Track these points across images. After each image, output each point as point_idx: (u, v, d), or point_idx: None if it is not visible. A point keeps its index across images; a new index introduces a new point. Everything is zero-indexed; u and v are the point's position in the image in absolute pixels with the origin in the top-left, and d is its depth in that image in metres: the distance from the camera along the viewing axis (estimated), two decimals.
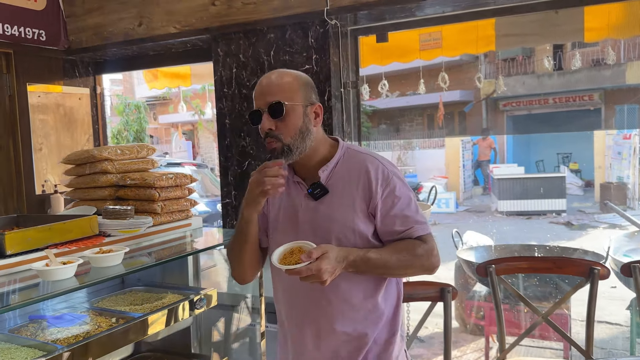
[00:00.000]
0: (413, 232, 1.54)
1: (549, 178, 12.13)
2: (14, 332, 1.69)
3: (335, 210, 1.53)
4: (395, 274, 1.57)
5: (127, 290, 2.12)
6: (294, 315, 1.62)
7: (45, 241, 1.56)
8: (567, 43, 11.87)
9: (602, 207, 11.43)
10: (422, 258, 1.53)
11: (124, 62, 3.93)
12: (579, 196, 13.68)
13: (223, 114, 3.25)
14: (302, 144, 1.51)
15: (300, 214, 1.55)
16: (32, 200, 3.49)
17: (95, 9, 3.56)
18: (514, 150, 17.56)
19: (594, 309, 2.31)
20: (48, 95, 3.60)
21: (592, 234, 9.36)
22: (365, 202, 1.52)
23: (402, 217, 1.53)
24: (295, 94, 1.51)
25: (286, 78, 1.53)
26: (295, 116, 1.50)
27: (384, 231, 1.54)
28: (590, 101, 15.68)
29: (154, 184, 1.98)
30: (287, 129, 1.49)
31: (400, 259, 1.51)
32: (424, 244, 1.54)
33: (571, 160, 16.34)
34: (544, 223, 10.68)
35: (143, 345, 2.27)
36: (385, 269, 1.52)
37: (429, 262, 1.54)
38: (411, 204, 1.56)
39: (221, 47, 3.22)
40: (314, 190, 1.54)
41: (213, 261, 2.38)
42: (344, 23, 3.02)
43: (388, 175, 1.54)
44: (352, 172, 1.55)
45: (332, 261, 1.39)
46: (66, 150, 3.68)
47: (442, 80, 4.83)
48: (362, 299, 1.55)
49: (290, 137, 1.49)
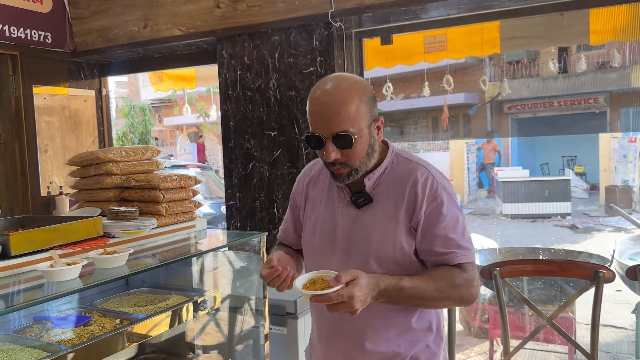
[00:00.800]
0: (453, 257, 1.40)
1: (553, 181, 12.09)
2: (19, 333, 1.70)
3: (377, 221, 1.43)
4: (430, 305, 1.44)
5: (132, 291, 2.12)
6: (323, 332, 1.53)
7: (50, 242, 1.57)
8: (573, 46, 11.85)
9: (608, 210, 11.38)
10: (460, 289, 1.39)
11: (129, 65, 3.95)
12: (584, 199, 13.64)
13: (228, 116, 3.26)
14: (368, 163, 1.43)
15: (341, 222, 1.47)
16: (38, 201, 3.50)
17: (100, 12, 3.58)
18: (519, 153, 17.52)
19: (599, 313, 2.30)
20: (53, 97, 3.61)
21: (597, 237, 9.32)
22: (408, 215, 1.42)
23: (445, 238, 1.41)
24: (363, 118, 1.37)
25: (351, 100, 1.35)
26: (363, 142, 1.39)
27: (423, 250, 1.42)
28: (596, 104, 15.64)
29: (159, 185, 1.99)
30: (355, 156, 1.39)
31: (437, 289, 1.37)
32: (464, 273, 1.40)
33: (576, 163, 16.30)
34: (549, 226, 10.65)
35: (147, 347, 2.27)
36: (419, 300, 1.38)
37: (468, 293, 1.41)
38: (457, 226, 1.43)
39: (226, 50, 3.23)
40: (357, 199, 1.45)
41: (217, 263, 2.38)
42: (349, 25, 3.03)
43: (437, 189, 1.42)
44: (400, 181, 1.44)
45: (364, 288, 1.26)
46: (71, 152, 3.70)
47: (447, 83, 4.83)
48: (396, 312, 1.44)
49: (358, 162, 1.40)
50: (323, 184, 1.56)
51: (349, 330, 1.45)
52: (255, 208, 3.17)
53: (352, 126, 1.35)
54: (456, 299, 1.40)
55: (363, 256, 1.42)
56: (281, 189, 3.11)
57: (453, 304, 1.50)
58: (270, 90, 3.12)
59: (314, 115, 1.39)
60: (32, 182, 3.48)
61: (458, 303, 1.46)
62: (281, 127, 3.10)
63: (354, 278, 1.26)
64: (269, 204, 3.14)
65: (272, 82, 3.11)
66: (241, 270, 2.32)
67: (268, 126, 3.14)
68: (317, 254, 1.53)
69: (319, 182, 1.58)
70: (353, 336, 1.46)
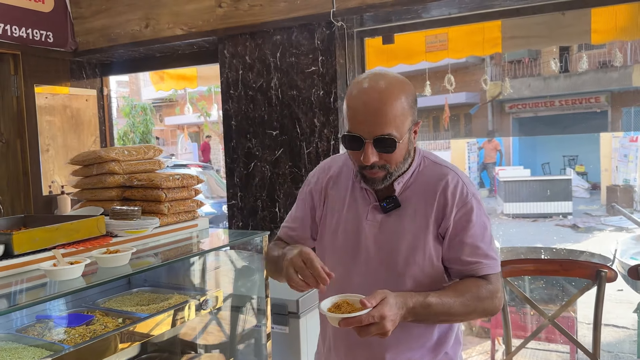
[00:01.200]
0: (480, 268, 1.36)
1: (555, 180, 12.09)
2: (22, 332, 1.70)
3: (406, 227, 1.37)
4: (456, 320, 1.39)
5: (134, 291, 2.12)
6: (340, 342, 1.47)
7: (53, 241, 1.57)
8: (574, 45, 11.83)
9: (609, 210, 11.37)
10: (485, 301, 1.35)
11: (130, 64, 3.95)
12: (585, 199, 13.63)
13: (229, 115, 3.26)
14: (403, 167, 1.38)
15: (365, 226, 1.41)
16: (39, 201, 3.51)
17: (102, 11, 3.58)
18: (520, 153, 17.51)
19: (601, 312, 2.29)
20: (55, 96, 3.62)
21: (598, 236, 9.31)
22: (437, 221, 1.37)
23: (472, 246, 1.36)
24: (406, 120, 1.31)
25: (397, 100, 1.28)
26: (404, 145, 1.33)
27: (449, 257, 1.38)
28: (597, 103, 15.62)
29: (161, 184, 1.99)
30: (394, 160, 1.33)
31: (464, 304, 1.32)
32: (489, 285, 1.36)
33: (577, 162, 16.29)
34: (550, 226, 10.64)
35: (149, 346, 2.27)
36: (447, 316, 1.33)
37: (492, 306, 1.36)
38: (485, 235, 1.38)
39: (227, 49, 3.23)
40: (387, 205, 1.39)
41: (219, 262, 2.38)
42: (350, 25, 3.02)
43: (467, 196, 1.38)
44: (429, 186, 1.40)
45: (394, 307, 1.21)
46: (73, 152, 3.70)
47: (448, 82, 4.83)
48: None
49: (395, 166, 1.35)
50: (344, 185, 1.49)
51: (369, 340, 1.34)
52: (257, 207, 3.17)
53: (397, 129, 1.29)
54: (480, 312, 1.37)
55: (391, 262, 1.38)
56: (283, 188, 3.11)
57: (477, 317, 1.43)
58: (272, 90, 3.12)
59: (355, 113, 1.30)
60: (34, 181, 3.48)
61: (482, 316, 1.42)
62: (283, 127, 3.10)
63: (382, 298, 1.21)
64: (270, 204, 3.14)
65: (273, 81, 3.11)
66: (243, 269, 2.32)
67: (270, 125, 3.14)
68: (338, 258, 1.45)
69: (340, 183, 1.50)
70: (373, 347, 1.41)
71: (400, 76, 1.36)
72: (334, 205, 1.49)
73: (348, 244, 1.43)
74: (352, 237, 1.43)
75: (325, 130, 2.97)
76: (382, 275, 1.39)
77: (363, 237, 1.41)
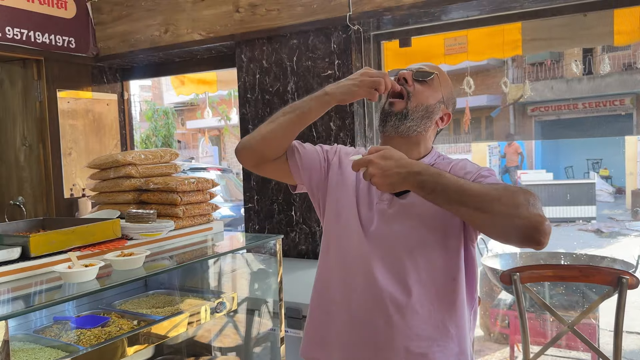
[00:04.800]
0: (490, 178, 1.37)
1: (578, 184, 11.88)
2: (39, 333, 1.73)
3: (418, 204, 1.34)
4: (477, 208, 1.16)
5: (150, 293, 2.15)
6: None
7: (69, 244, 1.59)
8: (597, 47, 11.63)
9: (634, 215, 11.13)
10: (516, 196, 1.15)
11: (150, 69, 4.00)
12: (610, 203, 13.37)
13: (246, 119, 3.28)
14: (417, 121, 1.44)
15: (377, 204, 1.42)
16: (61, 204, 3.57)
17: (123, 17, 3.64)
18: (543, 156, 17.27)
19: (622, 319, 2.25)
20: (77, 101, 3.68)
21: (622, 242, 9.12)
22: None
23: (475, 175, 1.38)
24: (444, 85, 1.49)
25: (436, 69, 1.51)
26: (431, 94, 1.45)
27: None
28: (622, 106, 15.32)
29: (176, 188, 2.01)
30: (419, 95, 1.44)
31: (483, 188, 1.18)
32: (531, 197, 1.16)
33: (601, 166, 15.99)
34: (572, 230, 10.45)
35: (165, 348, 2.30)
36: (461, 195, 1.16)
37: (527, 211, 1.13)
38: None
39: (245, 54, 3.25)
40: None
41: (234, 265, 2.39)
42: (367, 28, 3.02)
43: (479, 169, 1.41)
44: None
45: (386, 158, 1.18)
46: (95, 155, 3.76)
47: (467, 85, 4.79)
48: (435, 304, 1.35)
49: (415, 105, 1.44)
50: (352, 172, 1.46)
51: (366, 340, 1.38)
52: (273, 211, 3.18)
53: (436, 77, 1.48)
54: (510, 205, 1.14)
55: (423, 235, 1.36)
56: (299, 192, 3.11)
57: (504, 219, 1.14)
58: (289, 94, 3.13)
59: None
60: (56, 184, 3.55)
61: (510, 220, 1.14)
62: None
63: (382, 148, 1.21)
64: (286, 207, 3.15)
65: (290, 85, 3.12)
66: (257, 272, 2.33)
67: None
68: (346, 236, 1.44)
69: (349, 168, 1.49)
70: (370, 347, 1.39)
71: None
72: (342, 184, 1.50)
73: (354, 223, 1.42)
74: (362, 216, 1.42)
75: (342, 134, 2.97)
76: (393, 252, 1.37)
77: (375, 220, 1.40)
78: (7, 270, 1.45)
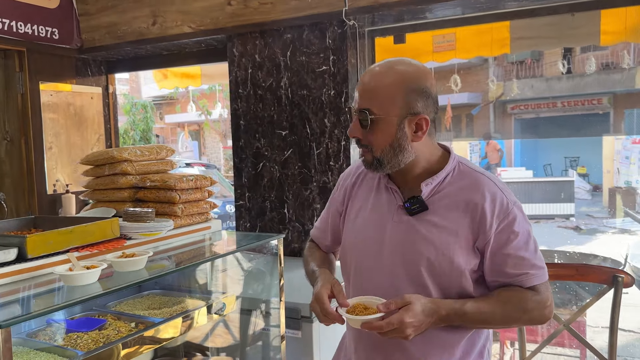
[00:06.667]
0: (526, 279, 1.30)
1: (558, 182, 12.06)
2: (32, 337, 1.65)
3: (434, 233, 1.31)
4: (497, 327, 1.43)
5: (145, 293, 2.08)
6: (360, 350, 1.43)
7: (67, 244, 1.52)
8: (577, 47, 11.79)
9: (611, 212, 11.36)
10: (531, 313, 1.30)
11: (136, 62, 3.90)
12: (587, 200, 13.62)
13: (238, 115, 3.22)
14: (394, 160, 1.32)
15: (390, 228, 1.36)
16: (44, 200, 3.46)
17: (108, 8, 3.54)
18: (522, 154, 17.49)
19: (617, 317, 2.25)
20: (59, 94, 3.57)
21: (600, 238, 9.29)
22: (473, 233, 1.30)
23: (517, 258, 1.29)
24: (392, 102, 1.28)
25: (387, 79, 1.29)
26: (386, 130, 1.29)
27: (492, 270, 1.31)
28: (599, 105, 15.59)
29: (175, 186, 1.94)
30: (376, 142, 1.31)
31: (505, 314, 1.29)
32: (537, 295, 1.30)
33: (579, 164, 16.27)
34: (552, 227, 10.62)
35: (160, 350, 2.23)
36: (485, 324, 1.31)
37: (540, 315, 1.32)
38: (529, 243, 1.31)
39: (236, 48, 3.19)
40: (412, 206, 1.33)
41: (232, 265, 2.34)
42: (362, 24, 2.98)
43: (508, 206, 1.30)
44: (463, 193, 1.32)
45: (419, 314, 1.20)
46: (76, 150, 3.66)
47: (454, 83, 4.79)
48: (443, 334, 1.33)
49: (379, 151, 1.31)
50: (370, 184, 1.46)
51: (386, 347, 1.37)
52: (265, 208, 3.13)
53: (376, 107, 1.28)
54: (526, 321, 1.36)
55: (415, 267, 1.32)
56: (292, 189, 3.07)
57: (522, 325, 1.47)
58: (282, 89, 3.08)
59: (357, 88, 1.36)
60: (38, 180, 3.44)
61: (528, 324, 1.42)
62: (292, 127, 3.06)
63: (405, 304, 1.21)
64: (279, 205, 3.10)
65: (283, 80, 3.07)
66: (257, 272, 2.28)
67: (279, 125, 3.10)
68: (361, 258, 1.42)
69: (366, 182, 1.48)
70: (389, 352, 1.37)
71: (415, 66, 1.33)
72: (360, 205, 1.46)
73: (371, 244, 1.38)
74: (375, 239, 1.38)
75: (336, 130, 2.93)
76: (404, 279, 1.33)
77: (387, 239, 1.36)
78: (3, 273, 1.37)
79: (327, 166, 2.97)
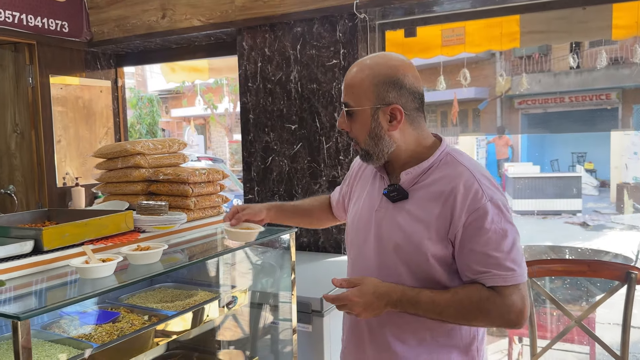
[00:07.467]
0: (488, 278, 1.26)
1: (564, 177, 12.01)
2: (47, 329, 1.66)
3: (407, 221, 1.34)
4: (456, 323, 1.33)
5: (157, 286, 2.08)
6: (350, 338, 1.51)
7: (82, 237, 1.52)
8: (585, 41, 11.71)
9: (619, 208, 11.30)
10: (491, 314, 1.26)
11: (146, 55, 3.89)
12: (594, 196, 13.55)
13: (247, 108, 3.21)
14: (376, 149, 1.37)
15: (375, 215, 1.42)
16: (54, 192, 3.47)
17: (118, 1, 3.53)
18: (529, 149, 17.40)
19: (630, 314, 2.25)
20: (67, 87, 3.57)
21: (608, 235, 9.24)
22: (444, 224, 1.29)
23: (482, 254, 1.26)
24: (365, 97, 1.34)
25: (360, 74, 1.35)
26: (362, 121, 1.36)
27: (461, 264, 1.31)
28: (608, 100, 15.49)
29: (188, 179, 1.94)
30: (357, 133, 1.39)
31: (460, 311, 1.27)
32: (498, 298, 1.25)
33: (586, 159, 16.18)
34: (559, 223, 10.57)
35: (171, 343, 2.24)
36: (439, 317, 1.29)
37: (503, 320, 1.27)
38: (502, 243, 1.26)
39: (246, 41, 3.17)
40: (389, 192, 1.38)
41: (244, 258, 2.34)
42: (372, 17, 2.96)
43: (481, 199, 1.27)
44: (441, 184, 1.32)
45: (367, 295, 1.26)
46: (85, 143, 3.66)
47: (463, 77, 4.77)
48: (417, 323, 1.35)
49: (362, 142, 1.38)
50: (370, 172, 1.54)
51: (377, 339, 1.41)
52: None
53: (352, 100, 1.36)
54: (488, 322, 1.30)
55: (391, 253, 1.36)
56: (301, 183, 3.07)
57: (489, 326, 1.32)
58: (292, 83, 3.07)
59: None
60: (49, 172, 3.45)
61: (494, 326, 1.34)
62: (302, 121, 3.05)
63: (358, 283, 1.30)
64: (288, 198, 3.10)
65: (293, 74, 3.06)
66: (268, 266, 2.28)
67: (288, 119, 3.09)
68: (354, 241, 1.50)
69: (369, 169, 1.55)
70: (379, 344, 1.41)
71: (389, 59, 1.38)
72: (359, 190, 1.56)
73: (361, 228, 1.46)
74: (366, 222, 1.45)
75: None
76: (378, 264, 1.40)
77: (373, 223, 1.42)
78: (20, 265, 1.37)
79: (337, 160, 2.96)
